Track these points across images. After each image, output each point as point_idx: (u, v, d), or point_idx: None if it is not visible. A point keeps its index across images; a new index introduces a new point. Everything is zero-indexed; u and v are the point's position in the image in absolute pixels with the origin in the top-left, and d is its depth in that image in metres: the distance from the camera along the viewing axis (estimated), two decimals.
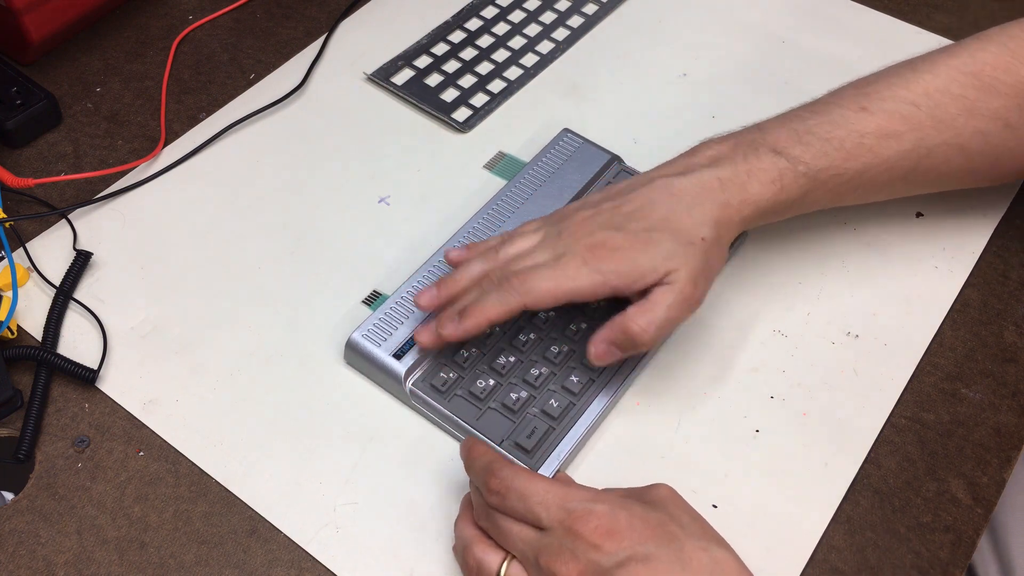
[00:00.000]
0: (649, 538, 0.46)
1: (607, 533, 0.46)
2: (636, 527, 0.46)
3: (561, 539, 0.46)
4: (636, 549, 0.45)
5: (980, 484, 0.57)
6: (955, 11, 0.86)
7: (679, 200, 0.57)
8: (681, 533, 0.46)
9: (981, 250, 0.68)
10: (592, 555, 0.45)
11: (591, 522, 0.46)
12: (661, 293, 0.55)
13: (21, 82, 0.73)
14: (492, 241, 0.60)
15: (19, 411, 0.58)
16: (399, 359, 0.58)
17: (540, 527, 0.47)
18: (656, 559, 0.45)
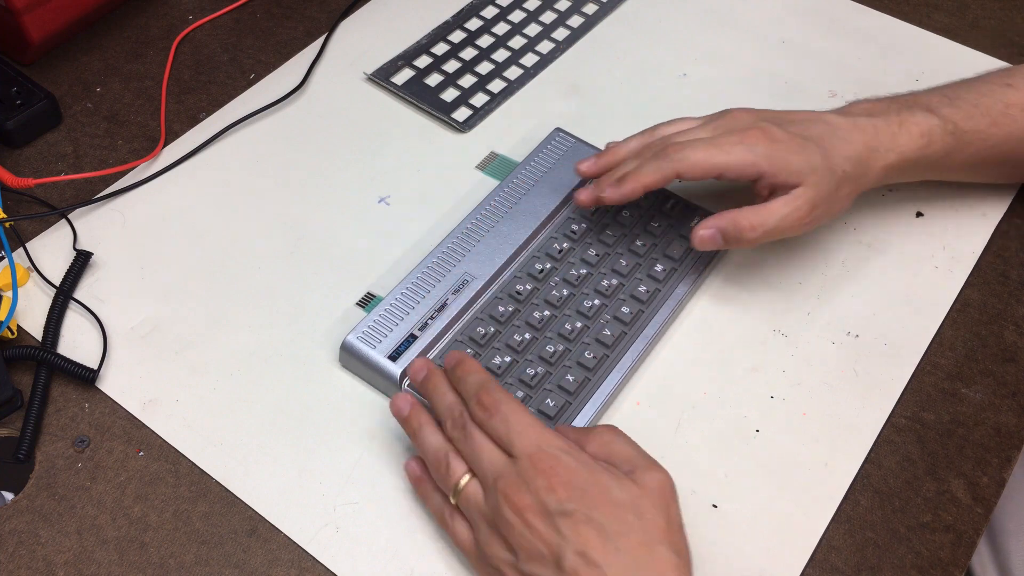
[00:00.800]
0: (604, 511, 0.47)
1: (566, 484, 0.47)
2: (596, 496, 0.47)
3: (523, 472, 0.48)
4: (586, 511, 0.46)
5: (980, 484, 0.57)
6: (955, 11, 0.86)
7: (835, 131, 0.61)
8: (637, 524, 0.47)
9: (981, 250, 0.68)
10: (543, 495, 0.47)
11: (557, 469, 0.47)
12: (779, 204, 0.59)
13: (21, 82, 0.73)
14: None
15: (19, 411, 0.58)
16: (394, 361, 0.58)
17: (510, 454, 0.49)
18: (599, 529, 0.46)
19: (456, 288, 0.61)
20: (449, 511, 0.52)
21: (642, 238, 0.65)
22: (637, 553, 0.46)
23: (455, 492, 0.51)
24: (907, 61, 0.81)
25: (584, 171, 0.64)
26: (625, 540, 0.46)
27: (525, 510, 0.47)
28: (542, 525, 0.47)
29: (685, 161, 0.59)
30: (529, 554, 0.47)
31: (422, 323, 0.60)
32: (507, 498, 0.48)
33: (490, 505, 0.49)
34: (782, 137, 0.60)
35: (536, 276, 0.63)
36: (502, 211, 0.66)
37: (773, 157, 0.59)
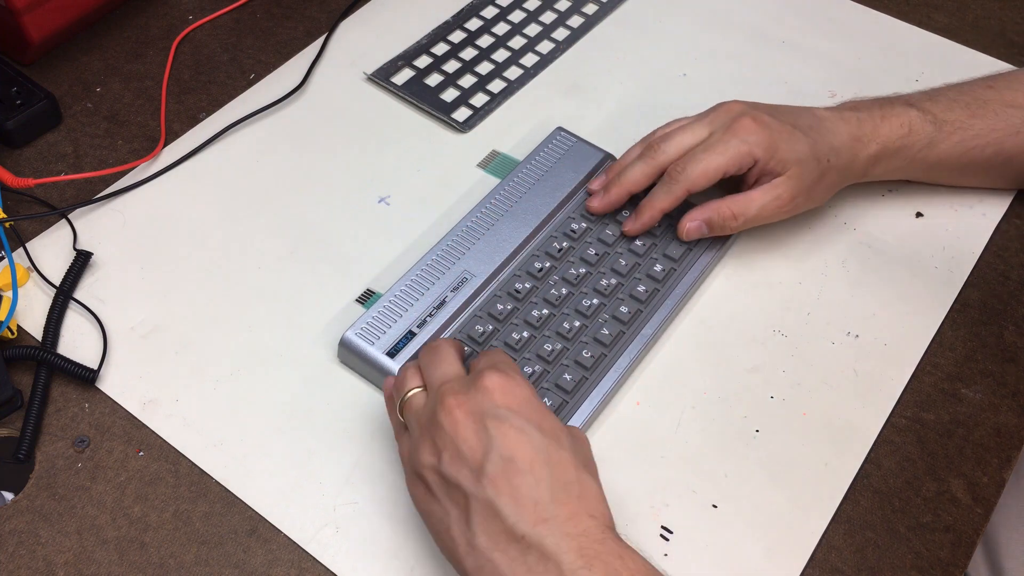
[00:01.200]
0: (539, 426, 0.47)
1: (504, 392, 0.47)
2: (533, 414, 0.47)
3: (470, 380, 0.49)
4: (521, 422, 0.46)
5: (980, 484, 0.57)
6: (955, 11, 0.86)
7: (821, 122, 0.64)
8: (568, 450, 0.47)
9: (981, 250, 0.68)
10: (479, 397, 0.47)
11: (499, 381, 0.48)
12: (760, 192, 0.63)
13: (21, 82, 0.73)
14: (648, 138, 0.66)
15: (19, 411, 0.58)
16: (393, 357, 0.58)
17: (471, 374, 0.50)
18: (530, 439, 0.46)
19: (455, 286, 0.61)
20: (398, 429, 0.52)
21: (641, 238, 0.65)
22: (564, 472, 0.46)
23: (401, 403, 0.51)
24: (907, 61, 0.81)
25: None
26: (556, 455, 0.46)
27: (457, 409, 0.47)
28: (473, 425, 0.46)
29: (690, 178, 0.62)
30: (453, 454, 0.46)
31: (421, 320, 0.60)
32: (443, 399, 0.47)
33: (428, 409, 0.49)
34: (773, 124, 0.62)
35: (535, 275, 0.63)
36: (502, 209, 0.66)
37: (765, 144, 0.62)
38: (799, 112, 0.65)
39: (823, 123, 0.64)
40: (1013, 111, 0.66)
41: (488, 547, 0.45)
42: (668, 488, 0.56)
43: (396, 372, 0.58)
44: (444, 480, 0.46)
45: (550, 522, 0.44)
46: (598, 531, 0.45)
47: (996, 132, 0.66)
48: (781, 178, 0.62)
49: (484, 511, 0.45)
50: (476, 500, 0.45)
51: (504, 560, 0.44)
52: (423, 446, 0.48)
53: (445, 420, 0.47)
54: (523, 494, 0.45)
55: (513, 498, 0.45)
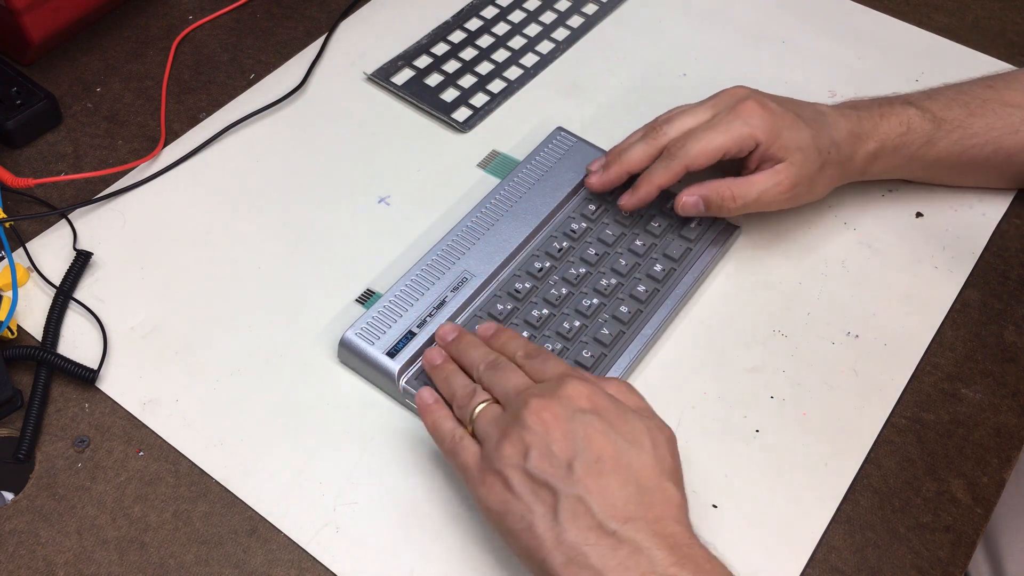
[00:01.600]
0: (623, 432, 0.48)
1: (587, 397, 0.49)
2: (617, 419, 0.48)
3: (550, 387, 0.50)
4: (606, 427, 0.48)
5: (980, 484, 0.57)
6: (955, 11, 0.86)
7: (823, 116, 0.64)
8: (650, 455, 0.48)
9: (981, 250, 0.68)
10: (564, 401, 0.48)
11: (581, 387, 0.49)
12: (762, 177, 0.62)
13: (21, 82, 0.73)
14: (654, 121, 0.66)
15: (19, 411, 0.58)
16: (392, 357, 0.58)
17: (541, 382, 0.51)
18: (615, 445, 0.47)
19: (455, 286, 0.61)
20: (459, 434, 0.52)
21: (642, 238, 0.65)
22: (647, 478, 0.47)
23: (472, 416, 0.51)
24: (907, 61, 0.81)
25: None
26: (638, 462, 0.47)
27: (545, 411, 0.48)
28: (561, 427, 0.47)
29: (689, 155, 0.62)
30: (541, 453, 0.47)
31: (421, 320, 0.60)
32: (529, 405, 0.48)
33: (510, 414, 0.49)
34: (776, 109, 0.63)
35: (535, 275, 0.63)
36: (502, 209, 0.66)
37: (768, 127, 0.62)
38: (802, 104, 0.65)
39: (825, 117, 0.64)
40: (1012, 110, 0.66)
41: (579, 541, 0.45)
42: None
43: (395, 372, 0.58)
44: (530, 478, 0.47)
45: (638, 521, 0.46)
46: (686, 535, 0.46)
47: (995, 131, 0.66)
48: (783, 164, 0.62)
49: (573, 508, 0.46)
50: (565, 497, 0.46)
51: (596, 553, 0.45)
52: (506, 446, 0.48)
53: (532, 421, 0.48)
54: (611, 493, 0.46)
55: (602, 496, 0.46)
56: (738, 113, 0.62)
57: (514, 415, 0.49)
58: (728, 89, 0.65)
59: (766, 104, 0.63)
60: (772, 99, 0.64)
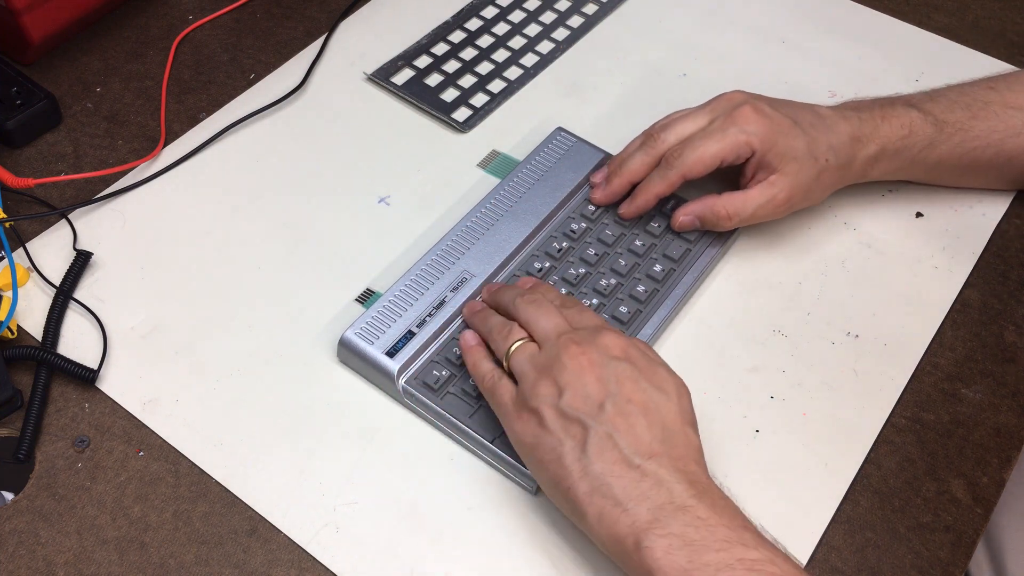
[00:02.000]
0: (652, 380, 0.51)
1: (621, 348, 0.52)
2: (647, 368, 0.52)
3: (586, 335, 0.53)
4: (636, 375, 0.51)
5: (980, 484, 0.57)
6: (955, 11, 0.86)
7: (822, 120, 0.64)
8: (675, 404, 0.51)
9: (981, 250, 0.68)
10: (602, 351, 0.51)
11: (616, 339, 0.52)
12: (757, 192, 0.63)
13: (21, 82, 0.73)
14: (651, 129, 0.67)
15: (19, 411, 0.58)
16: (392, 357, 0.58)
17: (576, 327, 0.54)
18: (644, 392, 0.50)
19: (455, 285, 0.61)
20: (497, 374, 0.55)
21: (642, 238, 0.65)
22: (671, 422, 0.50)
23: (508, 352, 0.54)
24: (907, 61, 0.81)
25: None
26: (665, 406, 0.51)
27: (582, 356, 0.51)
28: (595, 371, 0.51)
29: (686, 164, 0.63)
30: (575, 392, 0.50)
31: (420, 320, 0.60)
32: (567, 347, 0.52)
33: (546, 354, 0.52)
34: (773, 116, 0.63)
35: (535, 274, 0.63)
36: (502, 209, 0.66)
37: (764, 134, 0.62)
38: (801, 108, 0.65)
39: (824, 120, 0.64)
40: (1014, 112, 0.66)
41: (603, 472, 0.48)
42: None
43: (394, 372, 0.58)
44: (562, 414, 0.50)
45: (662, 457, 0.49)
46: (703, 475, 0.50)
47: (997, 133, 0.66)
48: (777, 176, 0.62)
49: (601, 442, 0.49)
50: (594, 432, 0.49)
51: (619, 483, 0.48)
52: (541, 384, 0.51)
53: (570, 363, 0.51)
54: (639, 431, 0.49)
55: (630, 433, 0.49)
56: (735, 120, 0.62)
57: (552, 357, 0.52)
58: (726, 94, 0.65)
59: (762, 110, 0.63)
60: (769, 104, 0.64)
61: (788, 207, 0.64)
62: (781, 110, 0.63)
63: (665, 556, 0.46)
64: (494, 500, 0.55)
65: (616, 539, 0.47)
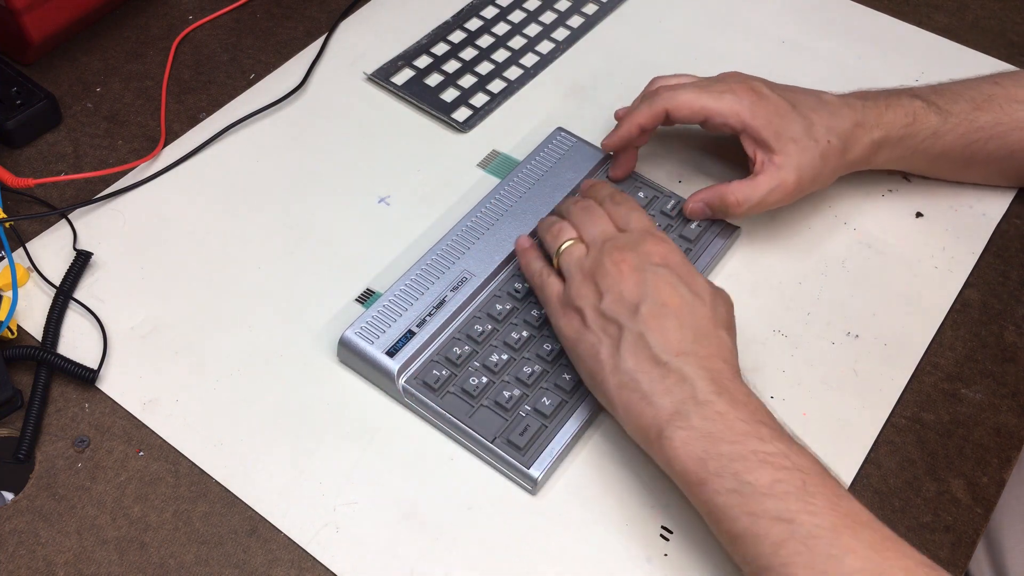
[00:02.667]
0: (689, 284, 0.54)
1: (664, 256, 0.55)
2: (686, 274, 0.55)
3: (632, 239, 0.56)
4: (674, 279, 0.54)
5: (980, 484, 0.57)
6: (955, 11, 0.86)
7: (825, 105, 0.65)
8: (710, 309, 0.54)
9: (981, 250, 0.68)
10: (643, 257, 0.55)
11: (661, 246, 0.56)
12: (765, 179, 0.63)
13: (21, 82, 0.73)
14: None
15: (19, 411, 0.58)
16: (392, 356, 0.58)
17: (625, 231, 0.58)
18: (681, 294, 0.54)
19: (455, 285, 0.61)
20: (547, 271, 0.59)
21: None
22: (705, 325, 0.53)
23: (559, 250, 0.58)
24: (907, 61, 0.81)
25: (610, 144, 0.68)
26: (700, 310, 0.54)
27: (623, 262, 0.55)
28: (635, 276, 0.54)
29: (674, 100, 0.65)
30: (615, 296, 0.54)
31: (420, 319, 0.60)
32: (611, 253, 0.55)
33: (592, 258, 0.56)
34: (771, 96, 0.64)
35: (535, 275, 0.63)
36: (503, 209, 0.66)
37: (758, 112, 0.63)
38: (803, 92, 0.66)
39: (826, 105, 0.65)
40: (1018, 106, 0.66)
41: (633, 368, 0.52)
42: (668, 488, 0.56)
43: (394, 371, 0.58)
44: (602, 315, 0.54)
45: (689, 355, 0.52)
46: (730, 373, 0.52)
47: (1000, 126, 0.66)
48: (780, 157, 0.63)
49: (634, 341, 0.52)
50: (629, 332, 0.53)
51: (646, 379, 0.52)
52: (586, 286, 0.55)
53: (612, 268, 0.55)
54: (670, 332, 0.52)
55: (661, 333, 0.52)
56: (733, 89, 0.64)
57: (596, 261, 0.56)
58: (729, 72, 0.67)
59: (760, 90, 0.64)
60: (769, 86, 0.65)
61: (798, 190, 0.64)
62: (780, 92, 0.65)
63: (683, 446, 0.50)
64: (494, 500, 0.55)
65: (641, 430, 0.52)
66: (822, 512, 0.46)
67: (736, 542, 0.48)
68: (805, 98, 0.65)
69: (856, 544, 0.45)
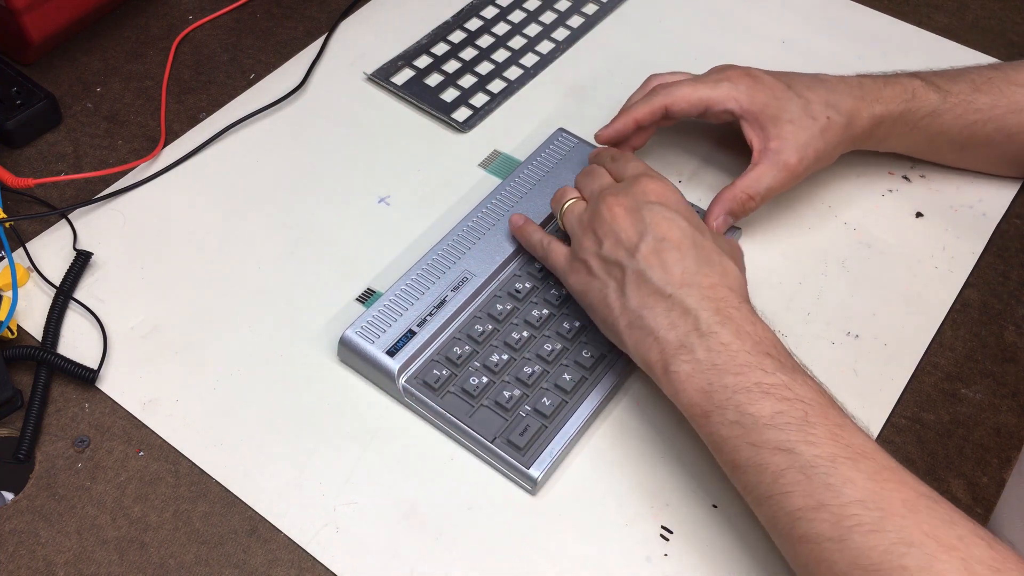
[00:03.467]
0: (688, 219, 0.55)
1: (657, 192, 0.56)
2: (685, 210, 0.55)
3: (626, 185, 0.57)
4: (672, 213, 0.55)
5: (980, 484, 0.57)
6: (955, 11, 0.86)
7: (822, 83, 0.66)
8: (711, 240, 0.55)
9: (981, 250, 0.68)
10: (636, 194, 0.56)
11: (652, 184, 0.56)
12: (764, 165, 0.64)
13: (21, 82, 0.73)
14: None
15: (19, 411, 0.58)
16: (392, 356, 0.58)
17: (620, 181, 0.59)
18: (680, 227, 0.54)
19: (455, 285, 0.61)
20: (548, 240, 0.60)
21: None
22: (707, 254, 0.54)
23: (561, 211, 0.60)
24: (907, 61, 0.81)
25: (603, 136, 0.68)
26: (700, 240, 0.54)
27: (617, 206, 0.55)
28: (631, 217, 0.55)
29: (671, 95, 0.65)
30: (613, 241, 0.55)
31: (421, 319, 0.60)
32: (605, 200, 0.56)
33: (590, 210, 0.57)
34: (765, 79, 0.65)
35: (535, 275, 0.63)
36: (504, 209, 0.66)
37: (755, 96, 0.64)
38: (798, 74, 0.67)
39: (824, 83, 0.66)
40: (1017, 89, 0.66)
41: (638, 306, 0.53)
42: (668, 488, 0.56)
43: (395, 371, 0.58)
44: (604, 261, 0.55)
45: (692, 286, 0.52)
46: (735, 300, 0.53)
47: (999, 108, 0.66)
48: (777, 142, 0.64)
49: (637, 279, 0.53)
50: (631, 271, 0.54)
51: (651, 315, 0.52)
52: (586, 238, 0.56)
53: (607, 214, 0.55)
54: (671, 265, 0.53)
55: (662, 267, 0.53)
56: (728, 77, 0.65)
57: (593, 211, 0.57)
58: (723, 64, 0.68)
59: (755, 74, 0.65)
60: (765, 72, 0.66)
61: (803, 169, 0.64)
62: (776, 75, 0.65)
63: (688, 379, 0.51)
64: (494, 500, 0.55)
65: (649, 365, 0.53)
66: (822, 443, 0.47)
67: (738, 471, 0.50)
68: (801, 78, 0.66)
69: (855, 474, 0.46)
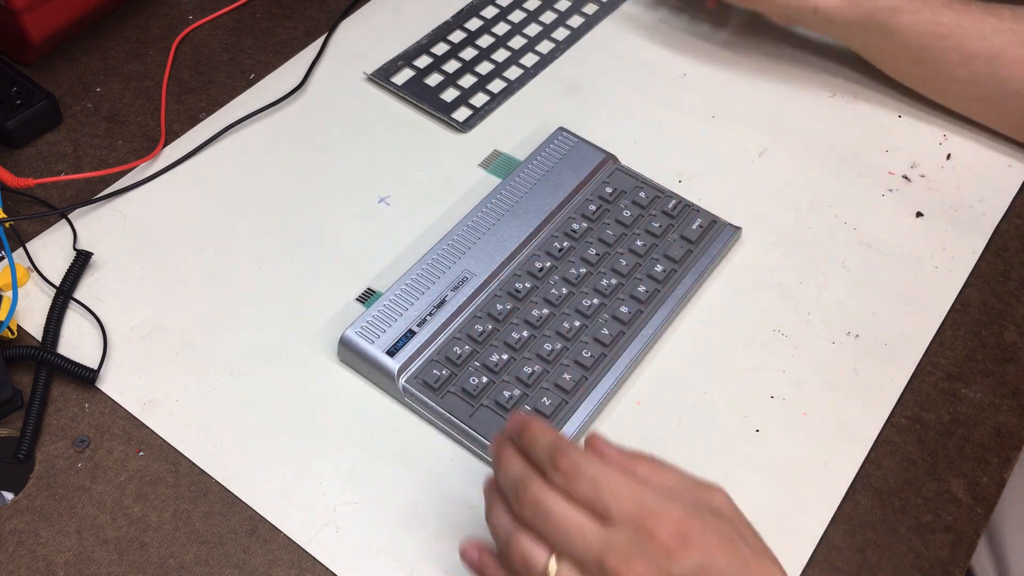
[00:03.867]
0: (719, 551, 0.43)
1: (682, 539, 0.42)
2: (709, 537, 0.43)
3: (631, 537, 0.42)
4: (707, 561, 0.42)
5: (980, 484, 0.57)
6: None
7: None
8: (747, 551, 0.44)
9: (981, 250, 0.68)
10: (663, 560, 0.41)
11: (667, 525, 0.42)
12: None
13: (21, 82, 0.73)
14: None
15: (19, 411, 0.58)
16: (392, 356, 0.58)
17: (607, 520, 0.43)
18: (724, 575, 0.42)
19: (455, 285, 0.61)
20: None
21: (642, 238, 0.65)
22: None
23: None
24: None
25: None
26: (748, 572, 0.43)
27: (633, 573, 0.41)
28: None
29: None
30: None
31: (421, 319, 0.60)
32: (617, 572, 0.42)
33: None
34: None
35: (535, 274, 0.63)
36: (503, 209, 0.66)
37: None
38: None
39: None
40: (989, 18, 0.65)
41: None
42: None
43: (395, 371, 0.58)
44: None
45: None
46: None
47: (961, 28, 0.65)
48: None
49: None
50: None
51: None
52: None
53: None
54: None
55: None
56: None
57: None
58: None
59: None
60: None
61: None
62: None
63: None
64: None
65: None
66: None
67: None
68: None
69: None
